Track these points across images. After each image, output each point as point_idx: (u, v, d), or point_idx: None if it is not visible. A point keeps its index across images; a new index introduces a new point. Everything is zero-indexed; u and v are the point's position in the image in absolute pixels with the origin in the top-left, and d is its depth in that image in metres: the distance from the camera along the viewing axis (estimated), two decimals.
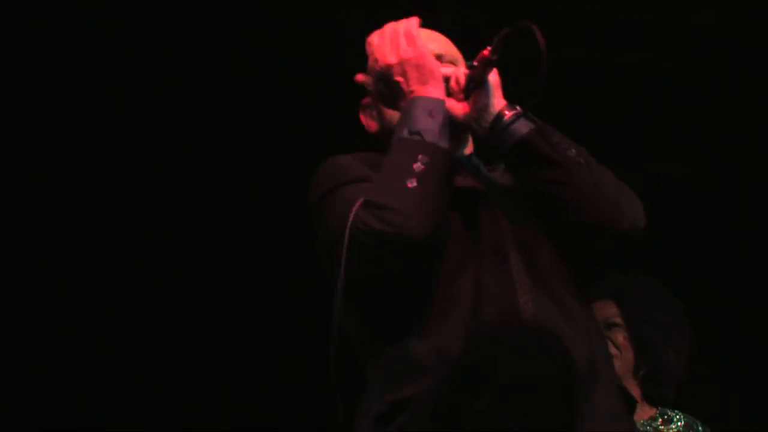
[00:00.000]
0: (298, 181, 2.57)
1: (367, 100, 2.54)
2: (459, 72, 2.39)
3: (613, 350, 3.36)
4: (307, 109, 4.35)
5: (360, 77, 2.53)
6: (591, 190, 2.30)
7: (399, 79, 2.38)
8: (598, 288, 3.44)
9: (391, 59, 2.39)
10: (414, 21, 2.42)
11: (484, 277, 2.27)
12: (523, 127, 2.32)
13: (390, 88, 2.41)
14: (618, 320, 3.44)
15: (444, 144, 2.29)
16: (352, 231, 2.20)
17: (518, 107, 2.35)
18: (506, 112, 2.34)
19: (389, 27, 2.43)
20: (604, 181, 2.33)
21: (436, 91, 2.35)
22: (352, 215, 2.21)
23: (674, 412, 3.46)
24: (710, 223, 4.66)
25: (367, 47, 2.50)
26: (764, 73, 4.30)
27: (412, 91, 2.36)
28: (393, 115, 2.43)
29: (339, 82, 2.76)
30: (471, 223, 2.34)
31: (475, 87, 2.35)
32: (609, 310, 3.46)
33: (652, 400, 3.47)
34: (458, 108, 2.35)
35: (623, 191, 2.35)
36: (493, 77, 2.36)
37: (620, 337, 3.44)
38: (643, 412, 3.44)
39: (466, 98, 2.36)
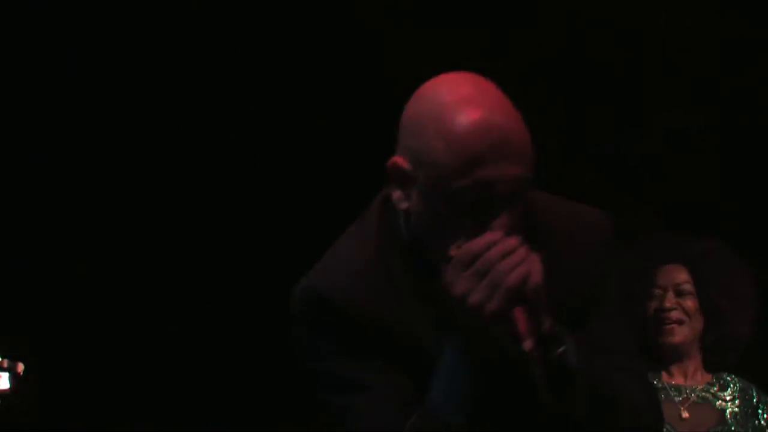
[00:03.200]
0: None
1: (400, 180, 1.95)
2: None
3: (682, 317, 3.48)
4: None
5: (400, 162, 1.93)
6: None
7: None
8: (667, 250, 3.52)
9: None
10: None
11: None
12: None
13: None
14: (688, 287, 3.49)
15: None
16: None
17: None
18: None
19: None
20: None
21: None
22: None
23: (730, 377, 3.53)
24: None
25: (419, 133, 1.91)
26: None
27: None
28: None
29: None
30: None
31: None
32: (679, 275, 3.50)
33: (711, 367, 3.54)
34: None
35: None
36: None
37: (690, 304, 3.49)
38: (701, 378, 3.52)
39: None
